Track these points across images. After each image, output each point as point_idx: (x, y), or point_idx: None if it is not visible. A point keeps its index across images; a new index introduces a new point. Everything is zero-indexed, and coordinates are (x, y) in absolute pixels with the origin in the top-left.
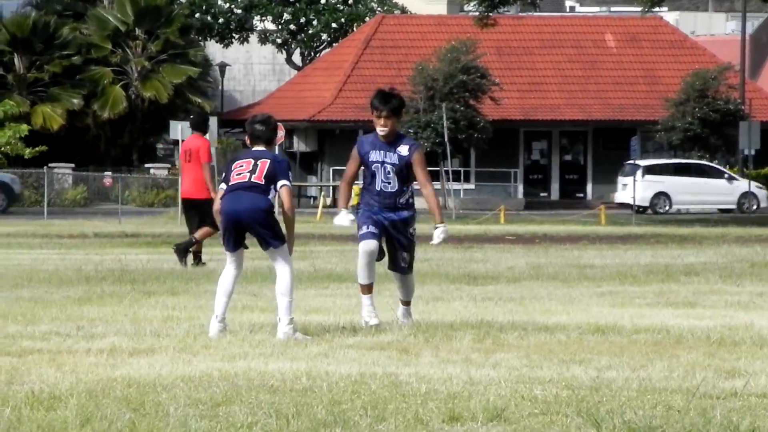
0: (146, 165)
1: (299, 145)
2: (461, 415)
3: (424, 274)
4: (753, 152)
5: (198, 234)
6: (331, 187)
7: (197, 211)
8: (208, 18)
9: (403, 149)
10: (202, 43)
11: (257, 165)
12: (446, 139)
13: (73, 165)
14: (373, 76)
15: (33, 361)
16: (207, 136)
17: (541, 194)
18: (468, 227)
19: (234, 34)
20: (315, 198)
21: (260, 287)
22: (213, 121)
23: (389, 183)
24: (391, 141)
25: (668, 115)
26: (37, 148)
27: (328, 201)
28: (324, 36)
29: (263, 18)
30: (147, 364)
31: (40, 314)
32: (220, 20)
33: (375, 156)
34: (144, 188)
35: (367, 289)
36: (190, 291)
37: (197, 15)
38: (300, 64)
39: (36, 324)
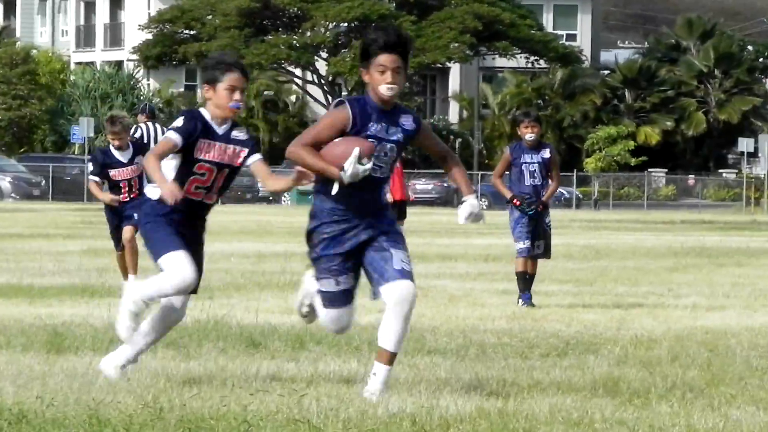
0: (720, 170)
1: None
2: None
3: None
4: None
5: None
6: None
7: None
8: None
9: (407, 121)
10: (764, 81)
11: None
12: None
13: (666, 170)
14: None
15: (636, 313)
16: None
17: None
18: None
19: None
20: None
21: None
22: None
23: (381, 167)
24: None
25: None
26: (640, 158)
27: None
28: None
29: None
30: (719, 318)
31: (641, 278)
32: None
33: (375, 129)
34: (717, 187)
35: None
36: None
37: (761, 59)
38: None
39: (638, 286)
